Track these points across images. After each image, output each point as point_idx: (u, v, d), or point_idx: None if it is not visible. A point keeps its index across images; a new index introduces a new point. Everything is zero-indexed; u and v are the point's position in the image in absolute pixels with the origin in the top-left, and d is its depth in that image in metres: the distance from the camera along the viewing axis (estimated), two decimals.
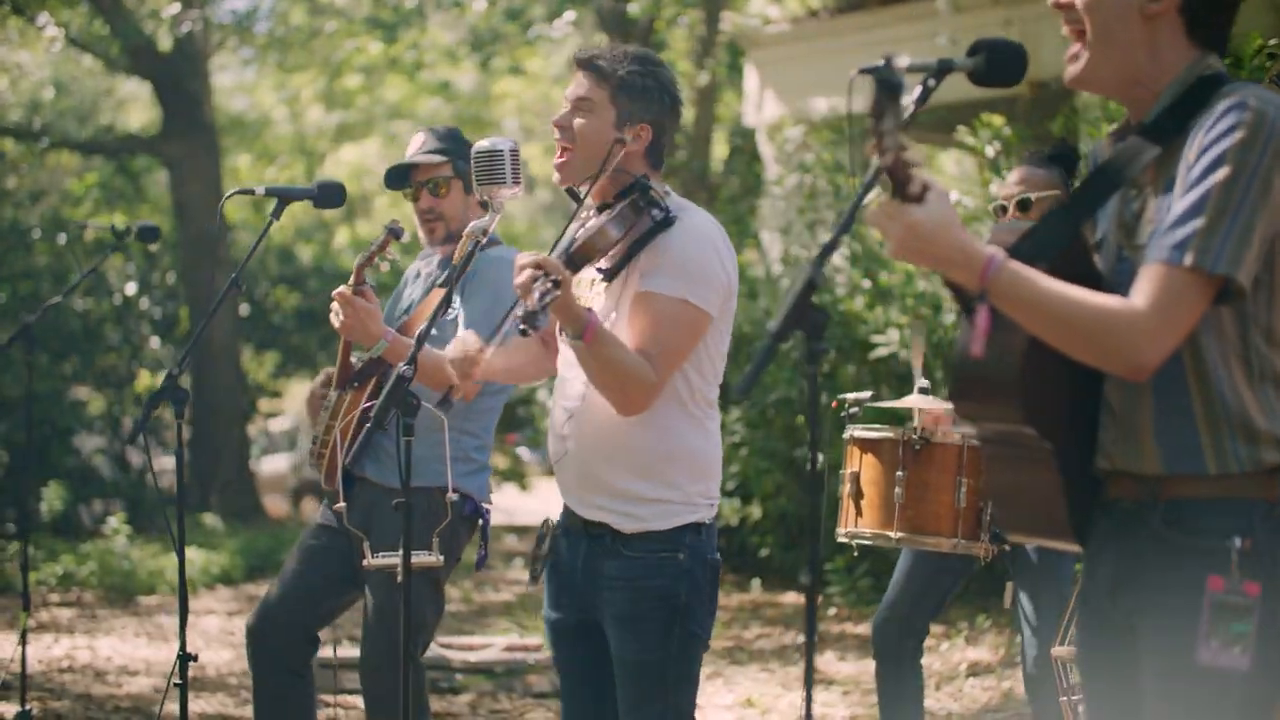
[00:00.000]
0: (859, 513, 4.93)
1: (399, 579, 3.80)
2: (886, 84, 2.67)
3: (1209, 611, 2.70)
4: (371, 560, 4.17)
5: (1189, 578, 2.74)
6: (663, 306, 3.74)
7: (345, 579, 4.95)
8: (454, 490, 4.76)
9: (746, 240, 13.27)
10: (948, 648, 8.76)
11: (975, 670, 8.30)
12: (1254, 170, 2.66)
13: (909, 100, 2.69)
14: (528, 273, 3.56)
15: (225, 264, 15.56)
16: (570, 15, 13.78)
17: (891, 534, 4.88)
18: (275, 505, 19.94)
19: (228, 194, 5.04)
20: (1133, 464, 2.85)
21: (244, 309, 17.77)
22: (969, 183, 10.88)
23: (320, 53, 18.77)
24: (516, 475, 19.41)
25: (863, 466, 4.93)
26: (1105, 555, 2.91)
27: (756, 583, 10.98)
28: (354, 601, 5.09)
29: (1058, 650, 4.45)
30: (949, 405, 5.07)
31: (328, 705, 6.71)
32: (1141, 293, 2.70)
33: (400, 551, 3.80)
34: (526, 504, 17.64)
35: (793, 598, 10.66)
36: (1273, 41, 8.40)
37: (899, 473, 4.85)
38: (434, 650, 7.88)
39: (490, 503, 5.02)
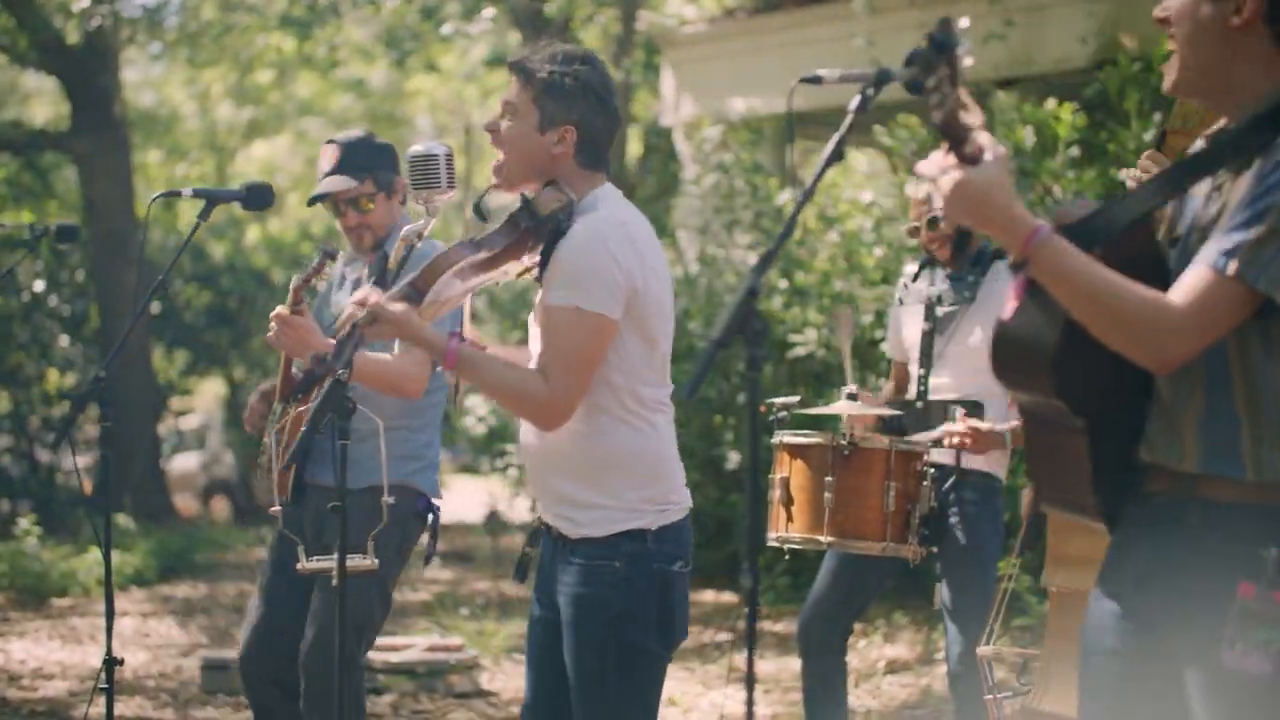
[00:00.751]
0: (789, 517, 4.97)
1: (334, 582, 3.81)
2: (940, 43, 2.69)
3: (1236, 616, 2.74)
4: (306, 564, 4.17)
5: (1220, 582, 2.77)
6: (556, 318, 3.71)
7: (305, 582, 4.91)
8: (407, 488, 4.82)
9: (663, 239, 13.32)
10: (866, 645, 8.83)
11: (893, 667, 8.38)
12: None
13: (966, 59, 2.70)
14: (345, 314, 3.67)
15: (136, 263, 15.40)
16: (487, 12, 13.74)
17: (821, 538, 4.93)
18: (186, 504, 19.77)
19: (154, 196, 5.00)
20: (1172, 459, 2.88)
21: (155, 307, 17.60)
22: (883, 182, 10.96)
23: (231, 48, 18.62)
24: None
25: (792, 472, 4.97)
26: (1138, 547, 2.95)
27: None
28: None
29: (983, 650, 4.51)
30: (877, 409, 5.13)
31: None
32: (1181, 290, 2.74)
33: (336, 555, 3.81)
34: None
35: (711, 596, 10.70)
36: None
37: (828, 478, 4.90)
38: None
39: (440, 498, 5.02)
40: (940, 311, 5.56)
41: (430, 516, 4.96)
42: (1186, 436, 2.87)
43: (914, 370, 5.63)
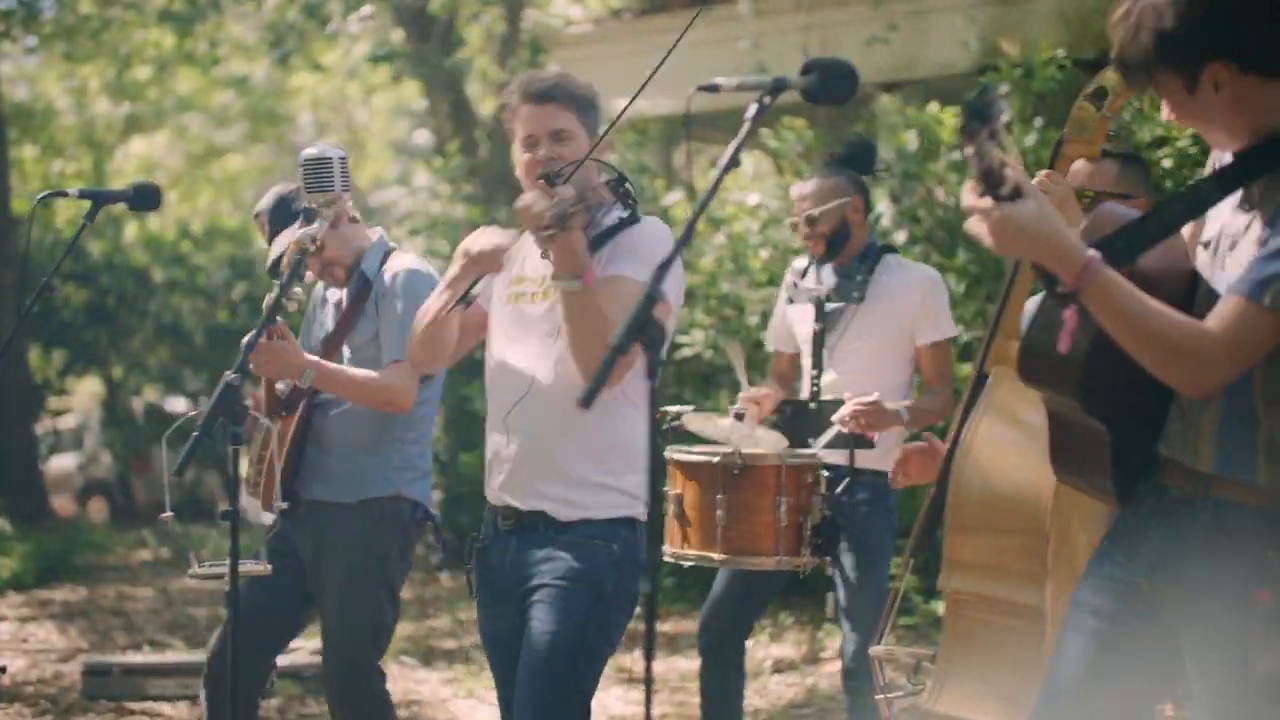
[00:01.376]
0: (683, 534, 5.00)
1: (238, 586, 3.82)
2: (977, 113, 2.79)
3: (1262, 622, 2.87)
4: (197, 570, 4.16)
5: (1235, 587, 2.91)
6: (629, 289, 3.76)
7: (298, 600, 5.02)
8: (403, 498, 4.93)
9: None
10: (753, 645, 8.87)
11: (780, 667, 8.44)
12: None
13: (1004, 116, 2.78)
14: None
15: (15, 261, 15.14)
16: (367, 10, 13.64)
17: (715, 555, 4.96)
18: (63, 505, 19.48)
19: (40, 196, 4.95)
20: (1188, 458, 3.00)
21: None
22: (769, 184, 11.03)
23: (109, 43, 18.35)
24: None
25: (684, 489, 4.99)
26: (1150, 535, 3.09)
27: None
28: (312, 617, 5.19)
29: (875, 649, 4.56)
30: (771, 438, 5.15)
31: None
32: (1217, 319, 2.84)
33: (229, 561, 3.82)
34: None
35: None
36: (1060, 52, 8.71)
37: (719, 496, 4.93)
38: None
39: (435, 506, 5.14)
40: (829, 309, 5.61)
41: (430, 524, 5.06)
42: (1204, 439, 2.99)
43: (806, 365, 5.68)
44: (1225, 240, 3.01)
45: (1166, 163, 7.76)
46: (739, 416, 5.33)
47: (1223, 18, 2.88)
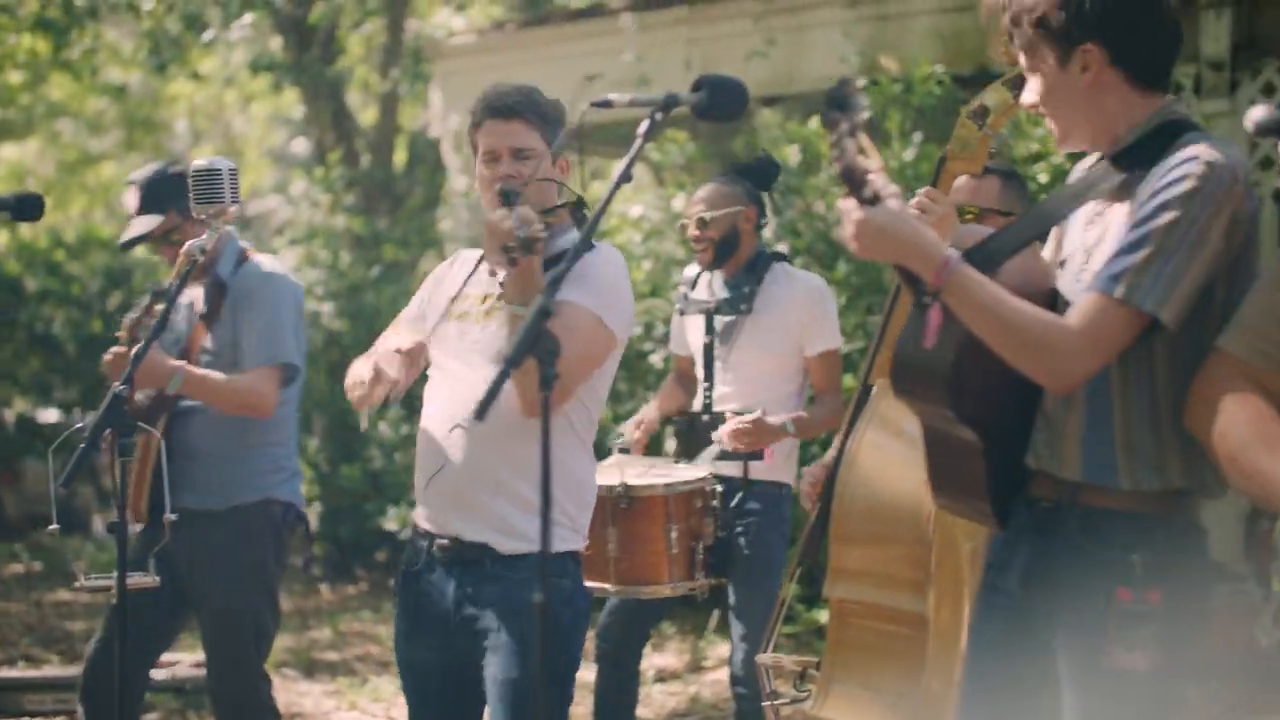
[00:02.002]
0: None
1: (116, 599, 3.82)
2: (837, 101, 2.89)
3: (1116, 619, 2.98)
4: (84, 582, 4.14)
5: (1099, 587, 3.02)
6: (578, 316, 3.72)
7: (177, 605, 5.00)
8: (274, 501, 4.97)
9: (431, 251, 13.30)
10: None
11: (662, 676, 8.49)
12: (1194, 219, 2.90)
13: (863, 113, 2.87)
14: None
15: None
16: (247, 19, 13.53)
17: (609, 586, 5.03)
18: None
19: None
20: (1055, 467, 3.11)
21: None
22: (650, 196, 11.10)
23: None
24: None
25: None
26: (1021, 547, 3.20)
27: None
28: (185, 622, 5.16)
29: (762, 657, 4.63)
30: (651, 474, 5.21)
31: None
32: (1076, 314, 2.96)
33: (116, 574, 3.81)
34: None
35: None
36: (939, 68, 8.85)
37: (610, 529, 4.98)
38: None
39: (305, 506, 5.12)
40: (719, 321, 5.67)
41: (302, 527, 5.08)
42: (1068, 447, 3.10)
43: (699, 376, 5.75)
44: (1080, 255, 3.15)
45: (1042, 177, 7.92)
46: (623, 450, 5.38)
47: (1112, 6, 3.03)
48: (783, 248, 9.02)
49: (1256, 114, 2.83)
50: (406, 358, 3.92)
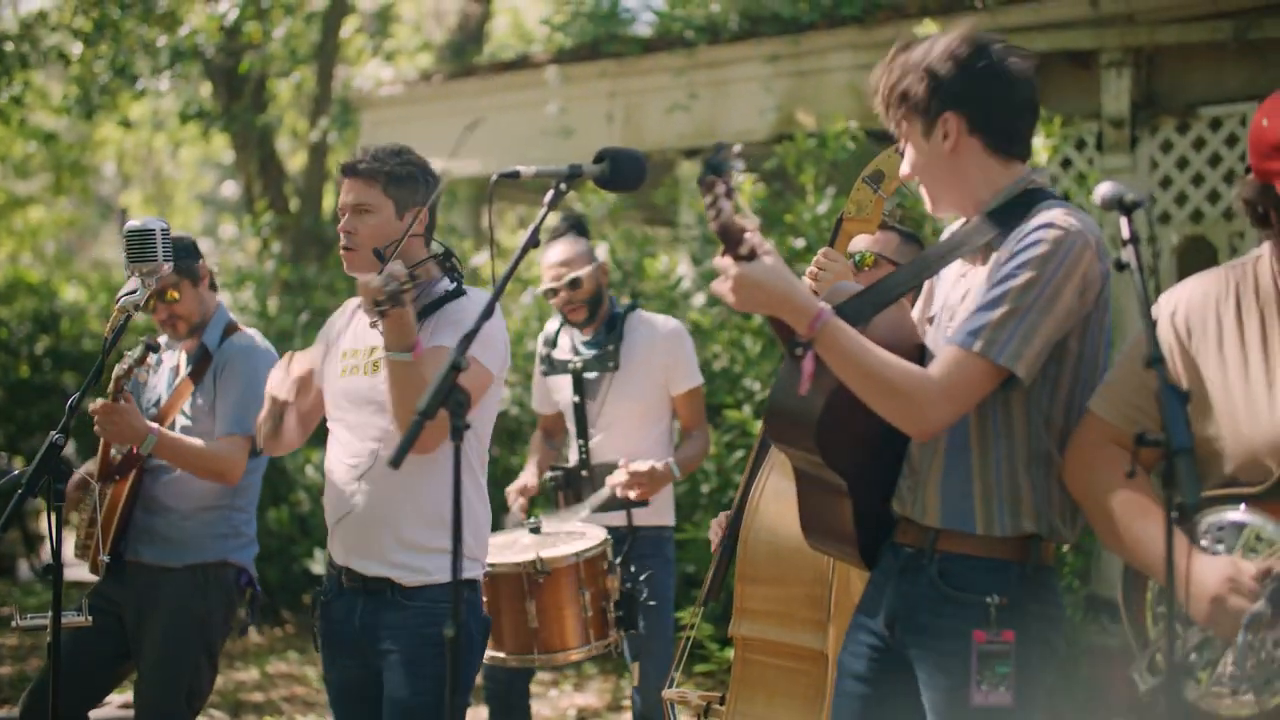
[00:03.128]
0: (498, 639, 5.25)
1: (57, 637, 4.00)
2: (713, 165, 3.11)
3: (976, 660, 3.21)
4: (21, 621, 4.30)
5: (956, 627, 3.25)
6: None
7: (122, 653, 5.15)
8: (229, 564, 5.16)
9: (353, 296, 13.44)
10: (557, 694, 9.10)
11: (584, 715, 8.66)
12: (1048, 281, 3.14)
13: (738, 176, 3.08)
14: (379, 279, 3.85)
15: None
16: (177, 68, 13.64)
17: (533, 658, 5.27)
18: None
19: None
20: (917, 513, 3.34)
21: None
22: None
23: None
24: None
25: (493, 595, 5.22)
26: (887, 589, 3.43)
27: None
28: (129, 673, 5.30)
29: (668, 693, 4.81)
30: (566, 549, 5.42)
31: None
32: (937, 366, 3.17)
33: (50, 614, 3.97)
34: None
35: None
36: (853, 123, 9.12)
37: (529, 602, 5.19)
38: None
39: (255, 573, 5.28)
40: (587, 378, 5.89)
41: (251, 591, 5.24)
42: (930, 494, 3.34)
43: (571, 432, 5.96)
44: (946, 313, 3.40)
45: (934, 237, 8.18)
46: (535, 530, 5.54)
47: (966, 79, 3.28)
48: (700, 297, 9.27)
49: (1103, 189, 3.06)
50: (296, 382, 4.21)
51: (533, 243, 3.41)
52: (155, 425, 4.88)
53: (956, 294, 3.38)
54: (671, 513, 6.00)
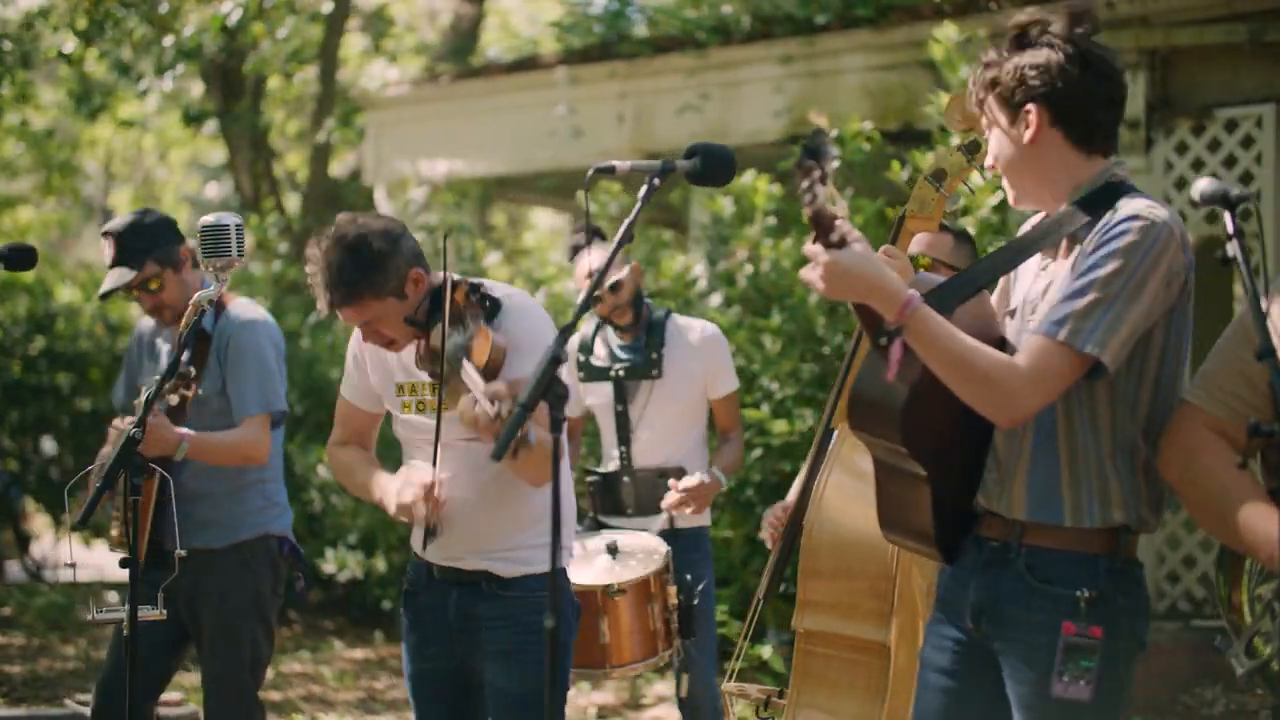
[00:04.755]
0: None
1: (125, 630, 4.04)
2: (813, 149, 3.13)
3: (1062, 652, 3.24)
4: (96, 615, 4.33)
5: (1045, 621, 3.29)
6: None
7: (179, 640, 5.24)
8: (270, 535, 5.24)
9: None
10: (574, 694, 9.12)
11: (604, 714, 8.71)
12: (1134, 270, 3.17)
13: (834, 162, 3.13)
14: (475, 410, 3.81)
15: None
16: (180, 69, 13.64)
17: (604, 671, 5.38)
18: None
19: None
20: (1003, 507, 3.37)
21: None
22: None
23: None
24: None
25: None
26: (972, 583, 3.45)
27: (379, 635, 11.14)
28: (185, 658, 5.41)
29: (728, 686, 4.85)
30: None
31: None
32: (1023, 355, 3.21)
33: (127, 606, 4.01)
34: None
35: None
36: (868, 124, 9.18)
37: (601, 620, 5.29)
38: (72, 708, 7.81)
39: (294, 540, 5.35)
40: (628, 384, 5.95)
41: (295, 557, 5.32)
42: (1016, 487, 3.36)
43: (609, 440, 6.01)
44: (1028, 306, 3.42)
45: (970, 230, 8.24)
46: (613, 551, 5.57)
47: (1050, 77, 3.32)
48: (716, 297, 9.32)
49: (1203, 186, 3.12)
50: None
51: (628, 237, 3.46)
52: (185, 431, 4.90)
53: (1038, 288, 3.41)
54: (708, 513, 6.06)
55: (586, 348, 6.07)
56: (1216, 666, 8.43)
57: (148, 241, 5.16)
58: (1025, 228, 3.56)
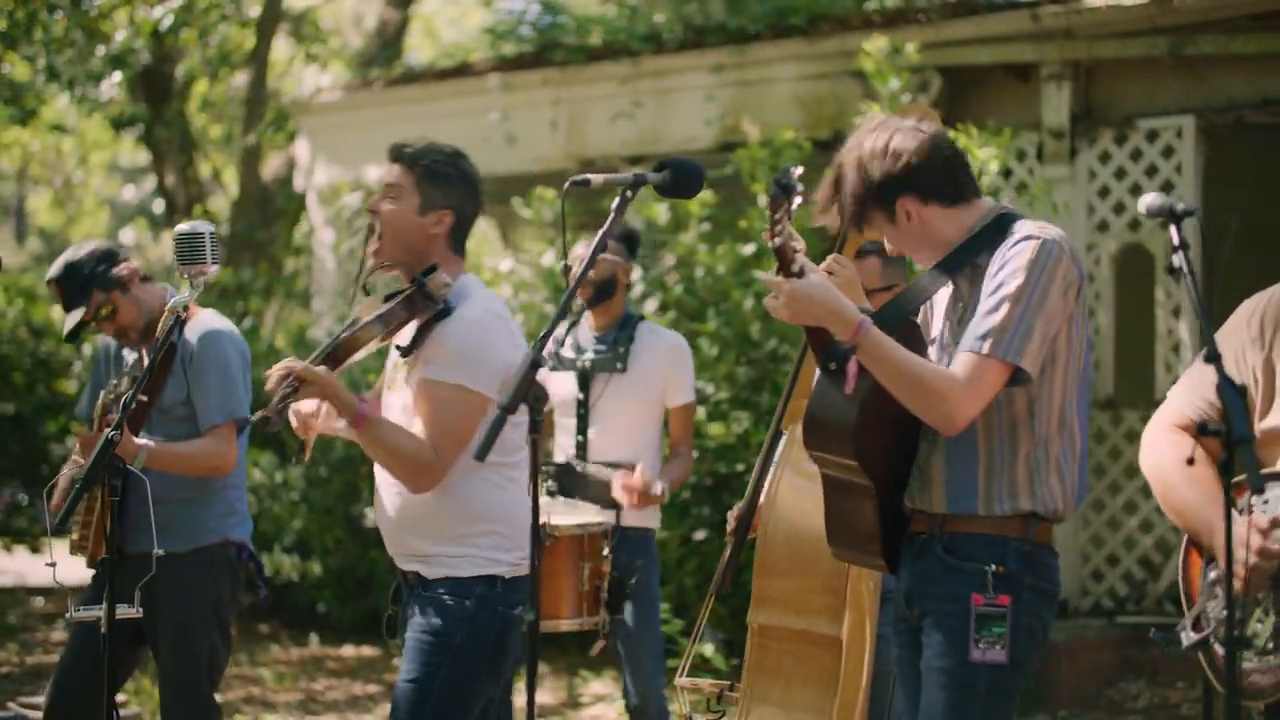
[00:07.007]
0: None
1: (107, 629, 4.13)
2: (783, 186, 3.50)
3: (974, 621, 3.61)
4: (75, 614, 4.41)
5: (958, 592, 3.65)
6: (441, 393, 4.14)
7: (136, 640, 5.27)
8: (229, 542, 5.28)
9: (291, 302, 13.59)
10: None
11: (542, 712, 8.82)
12: (1036, 282, 3.54)
13: (799, 198, 3.46)
14: (275, 377, 4.02)
15: None
16: (116, 77, 13.58)
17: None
18: None
19: None
20: (926, 503, 3.73)
21: None
22: (520, 251, 11.50)
23: None
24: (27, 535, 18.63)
25: None
26: (904, 574, 3.81)
27: (314, 637, 11.20)
28: (141, 659, 5.46)
29: (681, 680, 4.97)
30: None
31: None
32: (957, 366, 3.55)
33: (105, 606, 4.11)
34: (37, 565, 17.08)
35: (351, 650, 10.92)
36: (801, 133, 9.37)
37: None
38: (15, 711, 7.83)
39: (252, 547, 5.41)
40: (591, 375, 6.11)
41: (253, 565, 5.37)
42: (935, 484, 3.73)
43: (569, 426, 6.15)
44: (948, 332, 3.80)
45: None
46: (551, 494, 5.73)
47: (904, 166, 3.70)
48: (652, 303, 9.47)
49: (1150, 200, 3.40)
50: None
51: (601, 247, 3.67)
52: (143, 440, 4.96)
53: (955, 315, 3.78)
54: (657, 515, 6.20)
55: (559, 340, 6.22)
56: (1140, 661, 8.69)
57: (85, 276, 5.28)
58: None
